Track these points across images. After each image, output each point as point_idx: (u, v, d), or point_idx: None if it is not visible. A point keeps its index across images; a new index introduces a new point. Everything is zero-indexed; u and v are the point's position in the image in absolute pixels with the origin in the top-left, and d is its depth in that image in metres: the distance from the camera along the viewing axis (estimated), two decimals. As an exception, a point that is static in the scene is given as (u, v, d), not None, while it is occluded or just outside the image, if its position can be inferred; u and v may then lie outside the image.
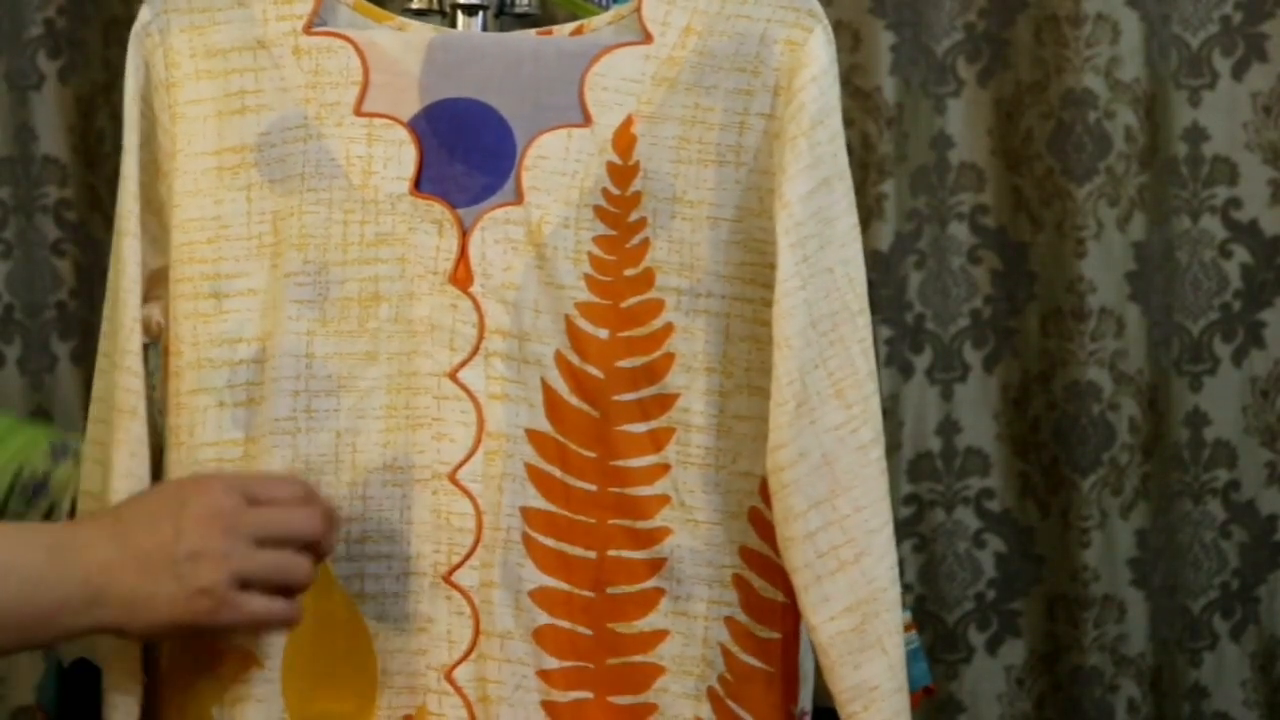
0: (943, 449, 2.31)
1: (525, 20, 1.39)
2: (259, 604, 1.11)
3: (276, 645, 1.21)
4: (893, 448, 2.28)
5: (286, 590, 1.13)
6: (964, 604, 2.32)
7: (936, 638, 2.31)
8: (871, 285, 1.34)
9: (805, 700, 1.25)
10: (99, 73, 2.17)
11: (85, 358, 2.16)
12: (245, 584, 1.10)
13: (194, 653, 1.22)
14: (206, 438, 1.22)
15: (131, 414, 1.20)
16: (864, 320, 1.20)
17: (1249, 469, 2.29)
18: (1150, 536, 2.30)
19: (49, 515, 1.41)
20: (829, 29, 1.20)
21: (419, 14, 1.36)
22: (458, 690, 1.21)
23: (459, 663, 1.21)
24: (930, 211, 2.27)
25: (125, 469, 1.20)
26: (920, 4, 2.24)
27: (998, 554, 2.32)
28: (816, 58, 1.19)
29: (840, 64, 1.85)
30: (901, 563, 2.25)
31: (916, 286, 2.28)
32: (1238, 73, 2.25)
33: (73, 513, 1.34)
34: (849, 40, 2.22)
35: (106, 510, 1.14)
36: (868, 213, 2.19)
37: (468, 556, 1.21)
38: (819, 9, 1.21)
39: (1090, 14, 2.20)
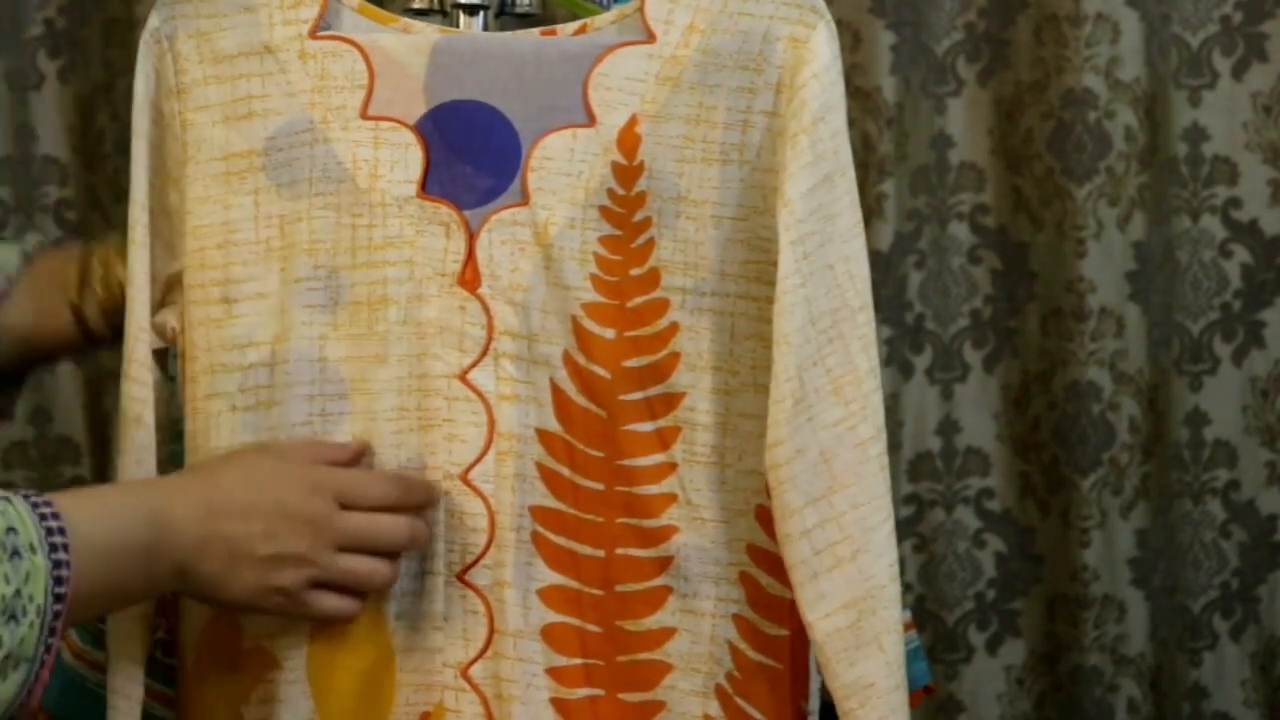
0: (943, 449, 2.31)
1: (526, 20, 1.39)
2: (328, 603, 1.17)
3: (299, 646, 1.21)
4: (893, 447, 2.28)
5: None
6: (964, 604, 2.32)
7: (936, 638, 2.31)
8: (872, 285, 1.33)
9: (812, 700, 1.25)
10: (99, 73, 2.17)
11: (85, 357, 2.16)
12: (321, 584, 1.16)
13: (220, 654, 1.23)
14: (221, 442, 1.22)
15: (136, 422, 1.21)
16: (865, 317, 1.19)
17: (1249, 469, 2.30)
18: (1150, 536, 2.30)
19: None
20: (832, 25, 1.19)
21: (420, 14, 1.36)
22: (474, 687, 1.21)
23: (474, 660, 1.21)
24: (930, 211, 2.27)
25: (132, 476, 1.20)
26: (920, 4, 2.24)
27: (998, 554, 2.32)
28: (819, 54, 1.18)
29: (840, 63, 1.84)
30: (901, 562, 2.26)
31: (916, 286, 2.28)
32: (1238, 73, 2.25)
33: None
34: (849, 40, 2.22)
35: (207, 475, 1.16)
36: (868, 212, 2.19)
37: (481, 556, 1.21)
38: (822, 6, 1.19)
39: (1090, 14, 2.21)
